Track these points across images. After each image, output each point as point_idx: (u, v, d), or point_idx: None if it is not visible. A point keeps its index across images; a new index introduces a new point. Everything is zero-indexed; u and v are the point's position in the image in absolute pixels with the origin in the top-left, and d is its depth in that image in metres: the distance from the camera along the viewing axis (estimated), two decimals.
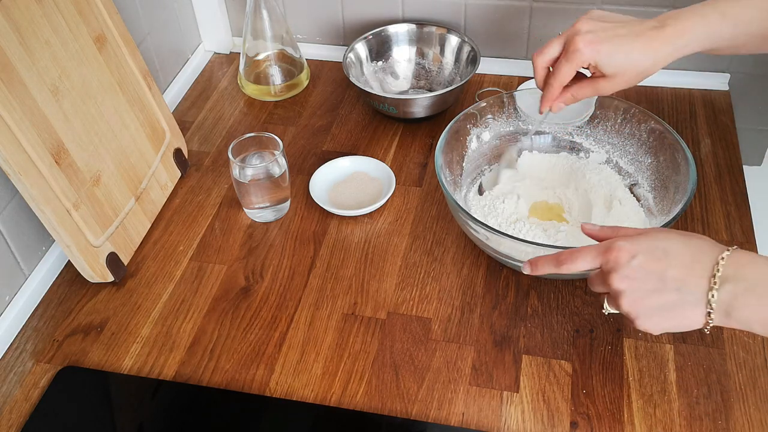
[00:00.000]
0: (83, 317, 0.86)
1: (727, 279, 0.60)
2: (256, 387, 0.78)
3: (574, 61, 0.76)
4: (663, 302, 0.62)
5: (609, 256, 0.64)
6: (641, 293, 0.63)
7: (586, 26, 0.76)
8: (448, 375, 0.78)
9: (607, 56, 0.74)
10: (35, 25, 0.80)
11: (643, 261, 0.63)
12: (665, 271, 0.62)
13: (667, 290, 0.62)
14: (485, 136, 0.95)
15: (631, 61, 0.75)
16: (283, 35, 1.15)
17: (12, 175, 0.76)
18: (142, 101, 0.97)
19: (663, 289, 0.62)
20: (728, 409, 0.74)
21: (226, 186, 1.02)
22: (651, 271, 0.62)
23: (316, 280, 0.89)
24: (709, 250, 0.62)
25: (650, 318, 0.63)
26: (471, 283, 0.87)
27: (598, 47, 0.74)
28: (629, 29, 0.75)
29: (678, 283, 0.61)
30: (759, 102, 1.15)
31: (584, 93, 0.79)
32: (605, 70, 0.75)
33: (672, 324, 0.63)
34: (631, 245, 0.64)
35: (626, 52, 0.74)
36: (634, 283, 0.63)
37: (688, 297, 0.61)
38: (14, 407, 0.78)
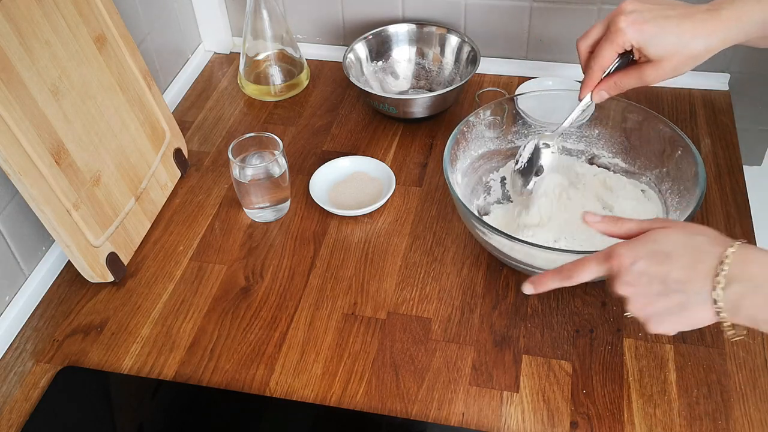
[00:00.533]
0: (83, 317, 0.86)
1: (733, 279, 0.58)
2: (256, 387, 0.78)
3: (616, 42, 0.72)
4: (670, 305, 0.61)
5: (611, 263, 0.63)
6: (647, 298, 0.62)
7: (631, 6, 0.72)
8: (448, 375, 0.78)
9: (653, 37, 0.70)
10: (35, 25, 0.79)
11: (644, 266, 0.61)
12: (668, 274, 0.60)
13: (672, 293, 0.61)
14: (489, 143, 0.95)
15: (679, 44, 0.70)
16: (283, 35, 1.15)
17: (12, 175, 0.76)
18: (142, 101, 0.97)
19: (667, 292, 0.61)
20: (728, 409, 0.74)
21: (226, 186, 1.02)
22: (654, 275, 0.61)
23: (316, 280, 0.89)
24: (711, 249, 0.60)
25: (661, 322, 0.62)
26: (471, 283, 0.87)
27: (642, 27, 0.70)
28: (679, 11, 0.71)
29: (683, 285, 0.60)
30: (759, 102, 1.15)
31: (628, 82, 0.75)
32: (650, 53, 0.71)
33: (684, 324, 0.62)
34: (630, 251, 0.62)
35: (675, 33, 0.70)
36: (638, 288, 0.62)
37: (694, 298, 0.60)
38: (14, 407, 0.78)
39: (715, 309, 0.60)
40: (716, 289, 0.59)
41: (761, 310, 0.58)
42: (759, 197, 1.02)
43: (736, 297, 0.58)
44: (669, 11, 0.71)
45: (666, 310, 0.62)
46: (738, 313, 0.59)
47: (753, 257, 0.59)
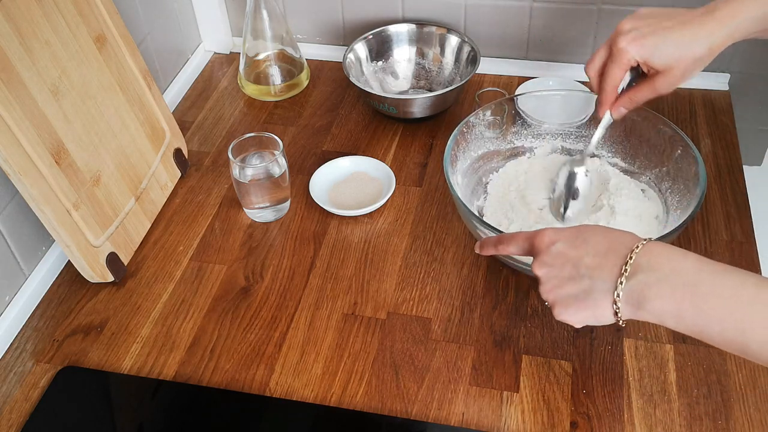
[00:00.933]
0: (83, 317, 0.86)
1: (639, 268, 0.59)
2: (256, 387, 0.78)
3: (621, 62, 0.74)
4: (577, 290, 0.62)
5: (534, 241, 0.66)
6: (558, 280, 0.64)
7: (629, 25, 0.74)
8: (448, 375, 0.78)
9: (654, 50, 0.72)
10: (35, 25, 0.80)
11: (562, 248, 0.63)
12: (581, 259, 0.62)
13: (581, 277, 0.62)
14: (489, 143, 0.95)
15: (682, 50, 0.72)
16: (283, 35, 1.15)
17: (12, 175, 0.76)
18: (142, 101, 0.97)
19: (577, 276, 0.62)
20: (728, 409, 0.74)
21: (226, 186, 1.02)
22: (568, 257, 0.63)
23: (316, 280, 0.89)
24: (625, 241, 0.62)
25: (566, 307, 0.63)
26: (471, 283, 0.87)
27: (642, 42, 0.72)
28: (676, 20, 0.73)
29: (591, 271, 0.61)
30: (759, 102, 1.15)
31: (643, 95, 0.77)
32: (656, 65, 0.73)
33: (587, 314, 0.63)
34: (555, 233, 0.65)
35: (675, 41, 0.72)
36: (552, 270, 0.64)
37: (599, 285, 0.61)
38: (14, 407, 0.78)
39: (614, 297, 0.60)
40: (621, 277, 0.60)
41: (666, 302, 0.58)
42: (759, 197, 1.02)
43: (641, 287, 0.59)
44: (666, 22, 0.73)
45: (573, 295, 0.63)
46: (642, 306, 0.59)
47: (661, 251, 0.60)
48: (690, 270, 0.58)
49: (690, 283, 0.58)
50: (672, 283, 0.58)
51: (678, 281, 0.58)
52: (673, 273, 0.58)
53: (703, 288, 0.57)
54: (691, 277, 0.58)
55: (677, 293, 0.58)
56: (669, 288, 0.58)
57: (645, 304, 0.59)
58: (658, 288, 0.58)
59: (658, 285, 0.58)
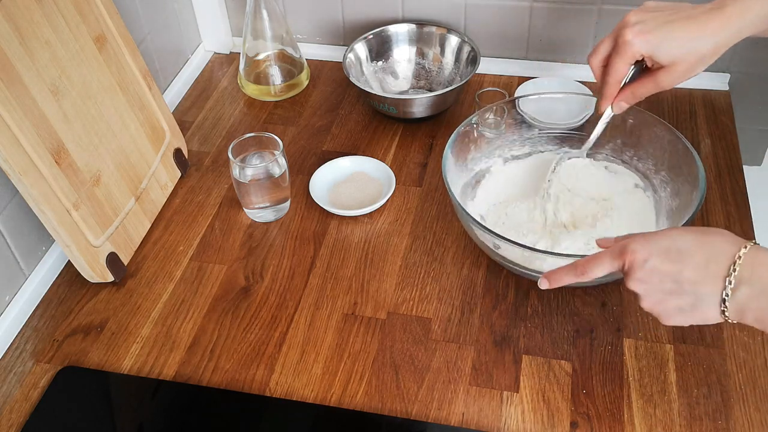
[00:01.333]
0: (83, 317, 0.86)
1: (742, 281, 0.59)
2: (256, 387, 0.78)
3: (626, 54, 0.73)
4: (681, 304, 0.62)
5: (624, 259, 0.63)
6: (659, 296, 0.62)
7: (635, 17, 0.73)
8: (448, 375, 0.78)
9: (660, 44, 0.72)
10: (35, 25, 0.80)
11: (657, 263, 0.61)
12: (681, 273, 0.61)
13: (684, 292, 0.61)
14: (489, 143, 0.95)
15: (687, 47, 0.71)
16: (283, 35, 1.15)
17: (12, 175, 0.76)
18: (142, 101, 0.97)
19: (679, 291, 0.61)
20: (728, 409, 0.74)
21: (226, 186, 1.02)
22: (666, 273, 0.61)
23: (316, 280, 0.89)
24: (725, 249, 0.60)
25: (672, 317, 0.63)
26: (471, 283, 0.87)
27: (648, 36, 0.72)
28: (682, 14, 0.72)
29: (694, 286, 0.61)
30: (759, 102, 1.15)
31: (645, 89, 0.76)
32: (661, 60, 0.72)
33: (694, 320, 0.63)
34: (644, 247, 0.62)
35: (680, 37, 0.71)
36: (651, 286, 0.62)
37: (705, 300, 0.61)
38: (14, 407, 0.78)
39: (721, 309, 0.60)
40: (726, 289, 0.59)
41: (766, 314, 0.59)
42: (759, 197, 1.02)
43: (744, 299, 0.59)
44: (672, 16, 0.72)
45: (677, 308, 0.62)
46: (744, 316, 0.60)
47: (762, 260, 0.59)
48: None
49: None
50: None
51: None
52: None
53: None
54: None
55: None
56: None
57: (747, 314, 0.59)
58: (759, 301, 0.58)
59: (760, 298, 0.58)
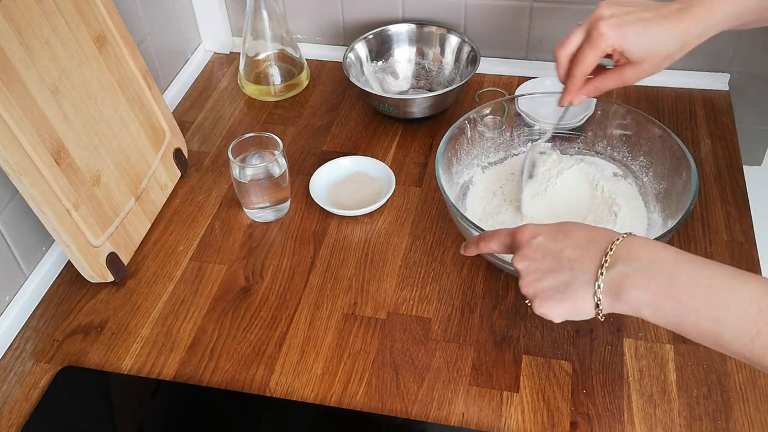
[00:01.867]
0: (83, 317, 0.87)
1: (618, 259, 0.59)
2: (256, 387, 0.78)
3: (599, 46, 0.73)
4: (557, 282, 0.62)
5: (515, 235, 0.66)
6: (538, 273, 0.64)
7: (609, 10, 0.73)
8: (448, 375, 0.78)
9: (633, 40, 0.72)
10: (35, 25, 0.80)
11: (543, 241, 0.64)
12: (562, 252, 0.62)
13: (561, 269, 0.62)
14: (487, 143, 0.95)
15: (657, 45, 0.72)
16: (283, 35, 1.15)
17: (12, 175, 0.77)
18: (142, 101, 0.97)
19: (557, 268, 0.62)
20: (728, 409, 0.74)
21: (226, 186, 1.02)
22: (549, 251, 0.63)
23: (316, 280, 0.89)
24: (607, 235, 0.62)
25: (546, 300, 0.63)
26: (471, 283, 0.87)
27: (623, 30, 0.72)
28: (654, 12, 0.72)
29: (572, 263, 0.62)
30: (759, 102, 1.15)
31: (609, 83, 0.77)
32: (631, 56, 0.73)
33: (567, 307, 0.62)
34: (536, 228, 0.65)
35: (653, 34, 0.72)
36: (533, 263, 0.64)
37: (580, 276, 0.61)
38: (14, 407, 0.78)
39: (595, 287, 0.60)
40: (602, 268, 0.60)
41: (643, 292, 0.58)
42: (759, 197, 1.02)
43: (620, 277, 0.59)
44: (645, 13, 0.73)
45: (553, 287, 0.63)
46: (620, 296, 0.59)
47: (641, 243, 0.60)
48: (668, 261, 0.58)
49: (668, 274, 0.58)
50: (649, 273, 0.58)
51: (655, 271, 0.58)
52: (651, 264, 0.59)
53: (681, 279, 0.57)
54: (669, 268, 0.58)
55: (654, 283, 0.58)
56: (646, 278, 0.58)
57: (623, 294, 0.59)
58: (635, 278, 0.58)
59: (636, 275, 0.58)
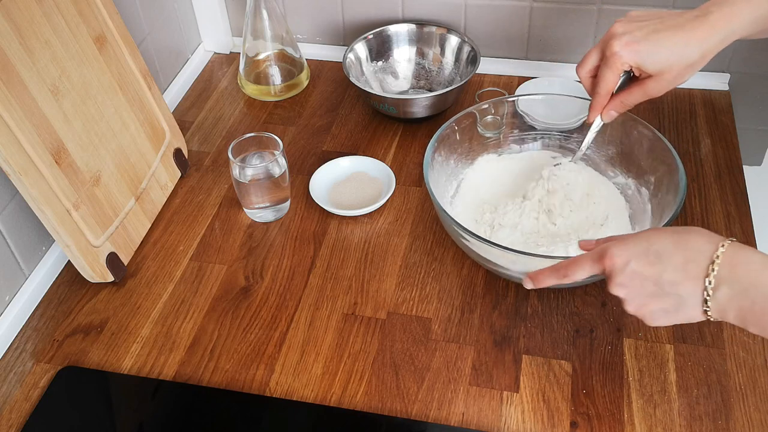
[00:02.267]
0: (83, 317, 0.87)
1: (722, 281, 0.59)
2: (256, 387, 0.78)
3: (614, 66, 0.74)
4: (664, 306, 0.62)
5: (604, 263, 0.64)
6: (641, 299, 0.63)
7: (622, 28, 0.73)
8: (448, 375, 0.78)
9: (648, 55, 0.72)
10: (35, 25, 0.80)
11: (636, 267, 0.62)
12: (661, 276, 0.61)
13: (666, 294, 0.62)
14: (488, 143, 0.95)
15: (675, 56, 0.72)
16: (283, 35, 1.15)
17: (12, 175, 0.77)
18: (142, 101, 0.97)
19: (661, 293, 0.62)
20: (728, 409, 0.74)
21: (226, 186, 1.02)
22: (646, 276, 0.62)
23: (316, 280, 0.89)
24: (702, 248, 0.61)
25: (657, 319, 0.64)
26: (471, 283, 0.87)
27: (636, 47, 0.72)
28: (668, 23, 0.72)
29: (675, 287, 0.61)
30: (759, 102, 1.15)
31: (634, 98, 0.77)
32: (649, 70, 0.73)
33: (679, 320, 0.63)
34: (623, 251, 0.63)
35: (668, 47, 0.72)
36: (632, 290, 0.63)
37: (687, 301, 0.61)
38: (14, 407, 0.78)
39: (704, 309, 0.61)
40: (707, 289, 0.60)
41: (747, 313, 0.59)
42: (759, 197, 1.02)
43: (725, 299, 0.59)
44: (659, 25, 0.73)
45: (661, 310, 0.63)
46: (726, 315, 0.60)
47: (741, 258, 0.60)
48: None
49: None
50: (752, 296, 0.58)
51: (758, 295, 0.58)
52: (753, 287, 0.59)
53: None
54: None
55: (757, 307, 0.58)
56: (750, 302, 0.59)
57: (728, 315, 0.60)
58: (739, 301, 0.59)
59: (739, 298, 0.59)
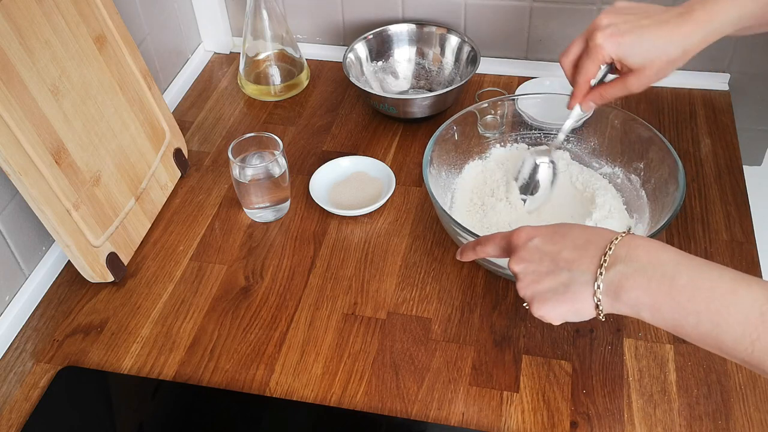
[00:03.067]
0: (83, 317, 0.87)
1: (618, 259, 0.59)
2: (256, 387, 0.78)
3: (596, 57, 0.74)
4: (556, 284, 0.62)
5: (511, 238, 0.66)
6: (535, 275, 0.63)
7: (607, 20, 0.73)
8: (448, 375, 0.78)
9: (630, 48, 0.72)
10: (35, 25, 0.80)
11: (539, 242, 0.63)
12: (559, 253, 0.62)
13: (560, 271, 0.62)
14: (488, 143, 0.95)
15: (657, 51, 0.72)
16: (283, 35, 1.15)
17: (12, 175, 0.77)
18: (142, 101, 0.97)
19: (555, 270, 0.62)
20: (728, 409, 0.74)
21: (226, 186, 1.02)
22: (546, 252, 0.63)
23: (316, 280, 0.89)
24: (604, 234, 0.62)
25: (545, 302, 0.63)
26: (471, 283, 0.87)
27: (619, 40, 0.72)
28: (653, 18, 0.72)
29: (570, 264, 0.61)
30: (759, 102, 1.15)
31: (613, 92, 0.77)
32: (630, 64, 0.73)
33: (566, 308, 0.62)
34: (532, 230, 0.65)
35: (651, 41, 0.72)
36: (530, 265, 0.64)
37: (579, 277, 0.61)
38: (14, 407, 0.78)
39: (594, 288, 0.60)
40: (601, 268, 0.59)
41: (643, 293, 0.58)
42: (759, 197, 1.02)
43: (619, 277, 0.59)
44: (643, 20, 0.73)
45: (551, 289, 0.62)
46: (619, 297, 0.59)
47: (640, 243, 0.60)
48: (668, 262, 0.58)
49: (668, 275, 0.57)
50: (649, 274, 0.58)
51: (655, 272, 0.58)
52: (651, 264, 0.58)
53: (681, 280, 0.57)
54: (669, 269, 0.57)
55: (653, 284, 0.57)
56: (646, 279, 0.58)
57: (622, 295, 0.59)
58: (635, 279, 0.58)
59: (635, 276, 0.58)
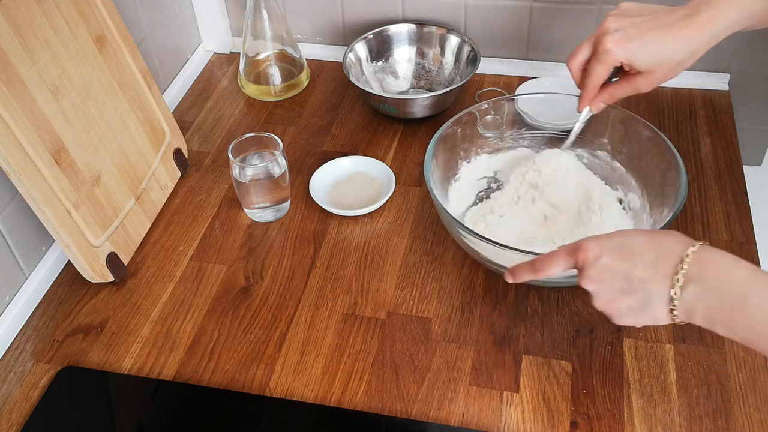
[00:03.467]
0: (83, 317, 0.87)
1: (690, 279, 0.59)
2: (256, 387, 0.78)
3: (606, 62, 0.75)
4: (631, 303, 0.62)
5: (577, 257, 0.64)
6: (610, 294, 0.63)
7: (615, 24, 0.74)
8: (448, 375, 0.78)
9: (639, 53, 0.73)
10: (35, 25, 0.80)
11: (608, 261, 0.62)
12: (631, 272, 0.61)
13: (634, 291, 0.62)
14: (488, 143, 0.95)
15: (665, 54, 0.73)
16: (283, 35, 1.15)
17: (12, 175, 0.77)
18: (142, 101, 0.97)
19: (630, 289, 0.62)
20: (728, 409, 0.74)
21: (226, 186, 1.02)
22: (617, 271, 0.62)
23: (316, 280, 0.89)
24: (674, 248, 0.61)
25: (624, 317, 0.64)
26: (471, 283, 0.87)
27: (627, 45, 0.73)
28: (659, 21, 0.73)
29: (644, 284, 0.61)
30: (759, 102, 1.15)
31: (622, 92, 0.78)
32: (639, 67, 0.74)
33: (645, 320, 0.63)
34: (596, 245, 0.63)
35: (658, 45, 0.73)
36: (602, 285, 0.63)
37: (654, 298, 0.61)
38: (14, 407, 0.78)
39: (670, 307, 0.60)
40: (674, 287, 0.59)
41: (715, 313, 0.59)
42: (759, 197, 1.02)
43: (692, 298, 0.59)
44: (650, 23, 0.74)
45: (628, 308, 0.63)
46: (693, 315, 0.60)
47: (711, 258, 0.60)
48: (740, 281, 0.58)
49: (738, 295, 0.57)
50: (720, 295, 0.58)
51: (726, 293, 0.58)
52: (722, 283, 0.58)
53: (753, 300, 0.57)
54: (741, 289, 0.58)
55: (726, 306, 0.58)
56: (718, 300, 0.58)
57: (695, 316, 0.59)
58: (707, 300, 0.58)
59: (708, 296, 0.58)
